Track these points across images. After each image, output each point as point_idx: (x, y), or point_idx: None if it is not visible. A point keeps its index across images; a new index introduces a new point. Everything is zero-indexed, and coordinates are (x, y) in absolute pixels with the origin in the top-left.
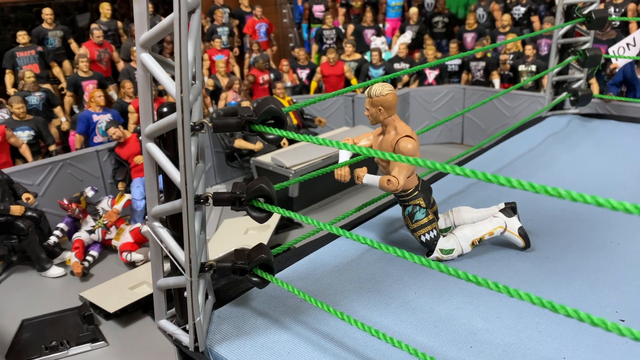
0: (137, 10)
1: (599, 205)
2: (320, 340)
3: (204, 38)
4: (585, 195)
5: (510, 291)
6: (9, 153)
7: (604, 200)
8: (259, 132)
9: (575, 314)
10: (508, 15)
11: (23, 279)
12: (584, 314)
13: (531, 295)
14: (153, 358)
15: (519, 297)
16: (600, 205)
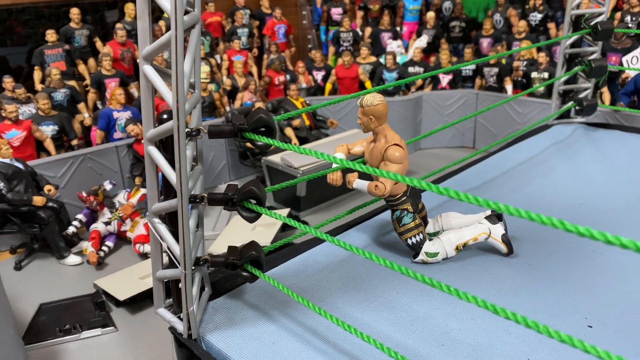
0: (141, 26)
1: (592, 238)
2: (303, 332)
3: (225, 39)
4: (567, 223)
5: (477, 301)
6: (34, 146)
7: (598, 233)
8: (249, 140)
9: (535, 326)
10: (524, 21)
11: (43, 266)
12: (542, 326)
13: (496, 306)
14: (158, 344)
15: (484, 307)
16: (594, 238)
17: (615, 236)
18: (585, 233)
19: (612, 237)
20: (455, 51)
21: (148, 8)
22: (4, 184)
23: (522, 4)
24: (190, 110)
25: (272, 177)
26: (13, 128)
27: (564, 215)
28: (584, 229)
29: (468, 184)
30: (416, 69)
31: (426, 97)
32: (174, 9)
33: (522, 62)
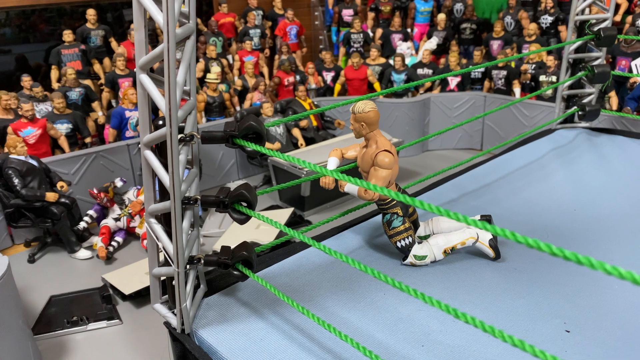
0: (137, 37)
1: (592, 267)
2: (290, 330)
3: (237, 39)
4: (566, 251)
5: (449, 309)
6: (49, 144)
7: (597, 262)
8: (239, 146)
9: (504, 337)
10: (535, 24)
11: (55, 259)
12: (517, 340)
13: (467, 315)
14: (160, 337)
15: (455, 315)
16: (593, 267)
17: (614, 266)
18: (571, 257)
19: (610, 268)
20: (466, 53)
21: (144, 21)
22: (19, 180)
23: (534, 7)
24: (184, 116)
25: (277, 177)
26: (29, 126)
27: (556, 220)
28: (571, 254)
29: (465, 187)
30: (425, 71)
31: (434, 99)
32: (166, 22)
33: (531, 66)
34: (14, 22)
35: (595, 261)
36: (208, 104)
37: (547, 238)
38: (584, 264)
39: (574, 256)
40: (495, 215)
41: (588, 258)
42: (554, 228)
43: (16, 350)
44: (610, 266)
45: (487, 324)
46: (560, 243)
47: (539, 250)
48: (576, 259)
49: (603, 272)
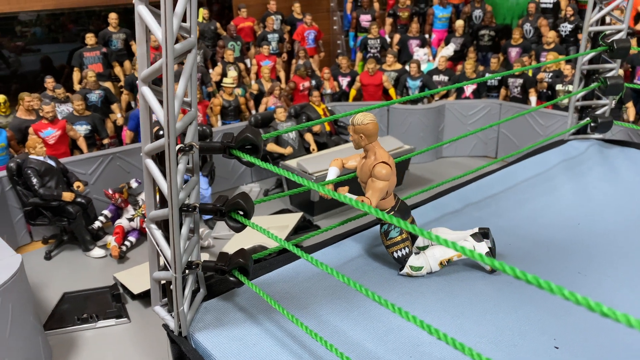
0: (139, 51)
1: (590, 309)
2: (283, 336)
3: (256, 43)
4: (566, 291)
5: (423, 325)
6: (68, 144)
7: (594, 303)
8: (236, 157)
9: (473, 355)
10: (554, 32)
11: (70, 257)
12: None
13: (439, 331)
14: (165, 336)
15: (429, 332)
16: (591, 309)
17: (610, 309)
18: (570, 297)
19: (607, 310)
20: (484, 59)
21: (146, 35)
22: (37, 179)
23: (554, 14)
24: (183, 127)
25: (288, 182)
26: (49, 127)
27: (558, 234)
28: (569, 293)
29: (470, 198)
30: (441, 78)
31: (449, 106)
32: (164, 38)
33: (548, 74)
34: (44, 23)
35: (555, 286)
36: (223, 108)
37: (548, 252)
38: (543, 288)
39: (535, 280)
40: (498, 227)
41: (548, 282)
42: (556, 242)
43: (27, 345)
44: (568, 292)
45: (457, 341)
46: (561, 257)
47: (527, 282)
48: (537, 283)
49: (562, 298)
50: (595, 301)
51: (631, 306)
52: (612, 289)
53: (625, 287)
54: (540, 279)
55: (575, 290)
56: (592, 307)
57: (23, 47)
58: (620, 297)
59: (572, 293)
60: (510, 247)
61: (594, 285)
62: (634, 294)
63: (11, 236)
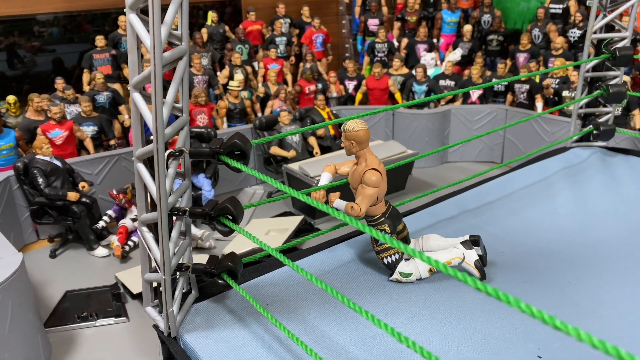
0: (131, 59)
1: (579, 339)
2: (269, 340)
3: (264, 46)
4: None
5: (394, 332)
6: (75, 145)
7: (585, 334)
8: (224, 162)
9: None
10: (562, 38)
11: (74, 255)
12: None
13: (408, 339)
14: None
15: (398, 339)
16: (580, 339)
17: (601, 341)
18: (526, 310)
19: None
20: (492, 64)
21: (137, 43)
22: (43, 179)
23: (563, 20)
24: (173, 133)
25: (291, 184)
26: (57, 128)
27: (553, 243)
28: (525, 306)
29: (466, 205)
30: (447, 83)
31: (455, 111)
32: (152, 47)
33: (554, 80)
34: (61, 23)
35: (512, 298)
36: (229, 110)
37: (540, 261)
38: (501, 300)
39: (494, 292)
40: (491, 235)
41: (506, 295)
42: (549, 250)
43: (26, 342)
44: (524, 304)
45: (425, 350)
46: (553, 266)
47: (487, 294)
48: (496, 295)
49: (519, 310)
50: (549, 315)
51: (616, 319)
52: (600, 299)
53: (614, 298)
54: (499, 291)
55: (567, 299)
56: (546, 320)
57: (39, 47)
58: (608, 308)
59: (528, 306)
60: (502, 255)
61: (583, 295)
62: (621, 306)
63: (18, 234)
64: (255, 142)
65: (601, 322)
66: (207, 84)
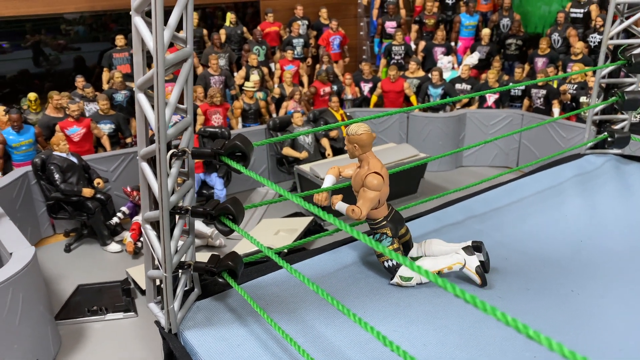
0: (136, 60)
1: (550, 349)
2: (267, 339)
3: (281, 48)
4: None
5: (379, 336)
6: (92, 142)
7: (556, 344)
8: (225, 163)
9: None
10: (581, 43)
11: (88, 250)
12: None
13: (392, 343)
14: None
15: (384, 343)
16: (552, 349)
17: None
18: (502, 318)
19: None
20: (510, 69)
21: (142, 45)
22: (59, 175)
23: (584, 25)
24: (176, 134)
25: (302, 185)
26: (75, 125)
27: (558, 251)
28: (501, 314)
29: (474, 210)
30: (463, 86)
31: (470, 115)
32: (155, 50)
33: (572, 86)
34: (87, 22)
35: (489, 307)
36: (244, 111)
37: (544, 269)
38: (478, 307)
39: (472, 299)
40: (497, 241)
41: (473, 297)
42: (554, 258)
43: (36, 333)
44: (500, 312)
45: (409, 355)
46: (556, 274)
47: (465, 301)
48: (473, 302)
49: (495, 319)
50: (523, 324)
51: (614, 331)
52: (602, 310)
53: (616, 310)
54: (477, 299)
55: (568, 308)
56: (525, 332)
57: (65, 45)
58: (609, 320)
59: (504, 314)
60: (506, 262)
61: (583, 305)
62: (620, 318)
63: (35, 228)
64: (266, 141)
65: (598, 333)
66: (223, 84)
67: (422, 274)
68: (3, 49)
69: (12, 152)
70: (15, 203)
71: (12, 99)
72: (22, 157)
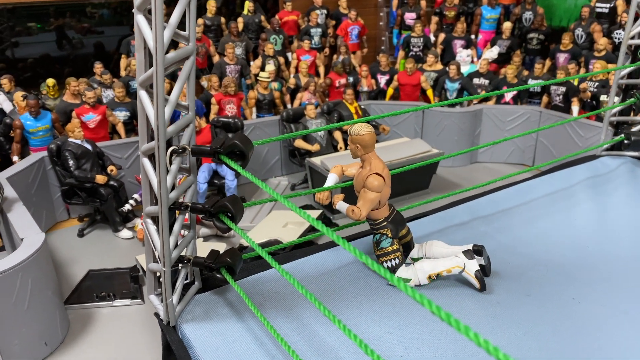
0: (138, 57)
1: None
2: (262, 335)
3: (299, 37)
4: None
5: (361, 345)
6: (107, 129)
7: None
8: (224, 162)
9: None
10: (605, 39)
11: (101, 235)
12: None
13: (374, 352)
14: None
15: (365, 351)
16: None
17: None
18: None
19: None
20: (531, 64)
21: (144, 42)
22: (74, 162)
23: (609, 20)
24: (176, 131)
25: (313, 178)
26: (90, 112)
27: (563, 256)
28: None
29: (481, 211)
30: (481, 81)
31: (487, 111)
32: (155, 49)
33: (593, 84)
34: (111, 5)
35: (444, 313)
36: (258, 101)
37: (546, 274)
38: (434, 313)
39: (428, 304)
40: (501, 243)
41: (448, 315)
42: (558, 264)
43: (44, 317)
44: (445, 312)
45: None
46: (558, 280)
47: (432, 312)
48: (428, 305)
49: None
50: (474, 332)
51: (610, 340)
52: (601, 320)
53: (617, 320)
54: (433, 303)
55: (566, 316)
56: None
57: (88, 28)
58: (608, 330)
59: (457, 321)
60: (508, 266)
61: (584, 313)
62: (618, 328)
63: (50, 212)
64: (280, 137)
65: (592, 343)
66: (239, 73)
67: (400, 287)
68: (28, 31)
69: (30, 137)
70: (32, 187)
71: (32, 84)
72: (39, 142)
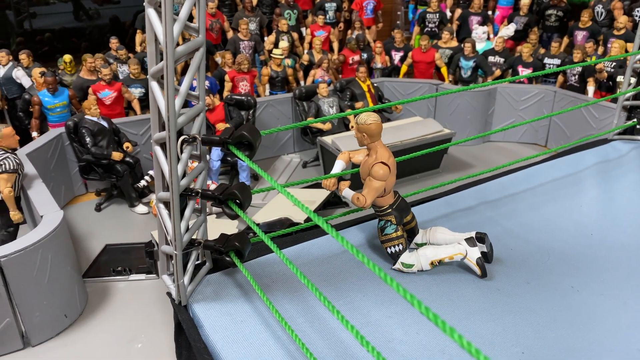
0: (149, 50)
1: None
2: (268, 317)
3: (313, 12)
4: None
5: (354, 330)
6: (123, 105)
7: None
8: (231, 152)
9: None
10: (625, 17)
11: (117, 210)
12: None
13: (364, 338)
14: None
15: (355, 336)
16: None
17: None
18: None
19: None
20: (549, 41)
21: (154, 35)
22: (90, 139)
23: None
24: (186, 121)
25: (324, 157)
26: (106, 88)
27: (566, 243)
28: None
29: (487, 195)
30: (496, 59)
31: (500, 90)
32: (165, 43)
33: (610, 64)
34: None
35: (416, 301)
36: (271, 78)
37: (548, 261)
38: (408, 300)
39: (404, 292)
40: (506, 229)
41: (412, 296)
42: (560, 251)
43: (64, 291)
44: (416, 299)
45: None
46: (559, 268)
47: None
48: (404, 293)
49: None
50: (450, 326)
51: (605, 329)
52: (599, 310)
53: (616, 310)
54: (407, 291)
55: (564, 305)
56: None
57: None
58: (604, 321)
59: (436, 316)
60: (511, 252)
61: (582, 303)
62: (619, 320)
63: (69, 186)
64: (293, 125)
65: (587, 331)
66: (252, 49)
67: (370, 267)
68: (45, 1)
69: (48, 114)
70: (50, 163)
71: (49, 58)
72: (56, 118)
